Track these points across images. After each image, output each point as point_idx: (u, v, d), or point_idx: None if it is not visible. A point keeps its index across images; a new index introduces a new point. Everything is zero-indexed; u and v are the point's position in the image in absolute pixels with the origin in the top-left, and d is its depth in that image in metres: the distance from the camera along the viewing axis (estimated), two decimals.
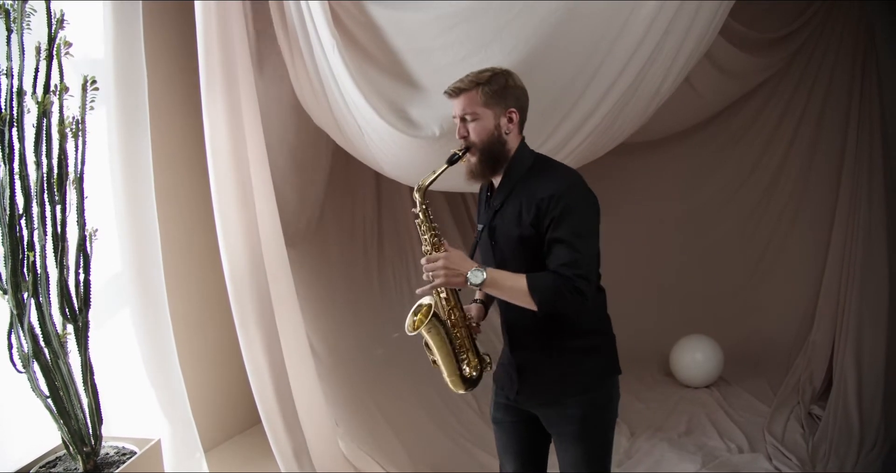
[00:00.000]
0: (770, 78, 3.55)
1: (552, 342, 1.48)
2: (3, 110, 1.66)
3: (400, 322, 3.46)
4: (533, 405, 1.55)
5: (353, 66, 1.80)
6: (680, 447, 2.69)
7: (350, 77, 1.80)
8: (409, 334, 1.53)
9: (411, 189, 3.49)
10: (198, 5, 1.84)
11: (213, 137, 1.89)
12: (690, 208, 3.95)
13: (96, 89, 1.80)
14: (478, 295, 1.68)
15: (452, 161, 1.45)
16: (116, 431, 2.08)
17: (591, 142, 2.07)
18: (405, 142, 1.86)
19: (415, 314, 1.56)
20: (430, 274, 1.42)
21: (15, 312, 1.71)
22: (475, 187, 1.64)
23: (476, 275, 1.38)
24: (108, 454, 1.94)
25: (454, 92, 1.44)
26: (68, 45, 1.74)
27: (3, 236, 1.68)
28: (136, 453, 1.92)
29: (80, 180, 1.80)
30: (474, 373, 1.54)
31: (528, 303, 1.37)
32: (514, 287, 1.38)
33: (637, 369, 3.45)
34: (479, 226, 1.56)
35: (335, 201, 3.24)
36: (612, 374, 1.54)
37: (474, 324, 1.58)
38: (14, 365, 1.74)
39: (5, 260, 1.69)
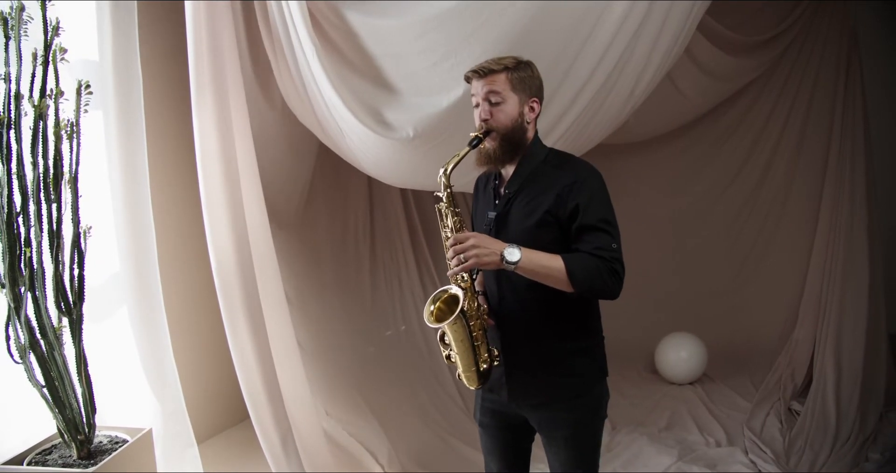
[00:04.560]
0: (756, 79, 3.61)
1: (547, 342, 1.46)
2: (2, 113, 1.74)
3: (391, 320, 3.56)
4: (523, 407, 1.53)
5: (331, 70, 1.87)
6: (659, 441, 2.76)
7: (328, 80, 1.87)
8: (431, 326, 1.41)
9: (401, 188, 3.58)
10: (188, 6, 1.91)
11: (202, 137, 1.95)
12: (678, 208, 4.01)
13: (90, 93, 1.88)
14: (478, 287, 1.58)
15: (474, 144, 1.40)
16: (111, 421, 2.16)
17: (564, 144, 2.14)
18: (381, 143, 1.93)
19: (434, 301, 1.45)
20: (462, 255, 1.33)
21: (12, 305, 1.78)
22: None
23: (512, 253, 1.30)
24: (101, 442, 2.01)
25: (482, 72, 1.39)
26: (63, 50, 1.82)
27: (1, 233, 1.76)
28: (128, 441, 2.00)
29: (74, 180, 1.88)
30: (485, 366, 1.47)
31: (562, 285, 1.33)
32: (551, 266, 1.32)
33: (622, 366, 3.50)
34: (490, 214, 1.49)
35: (327, 199, 3.31)
36: (603, 377, 1.53)
37: (486, 315, 1.49)
38: (11, 356, 1.81)
39: (3, 256, 1.76)
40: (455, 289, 1.42)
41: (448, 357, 1.49)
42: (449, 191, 1.43)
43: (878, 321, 2.99)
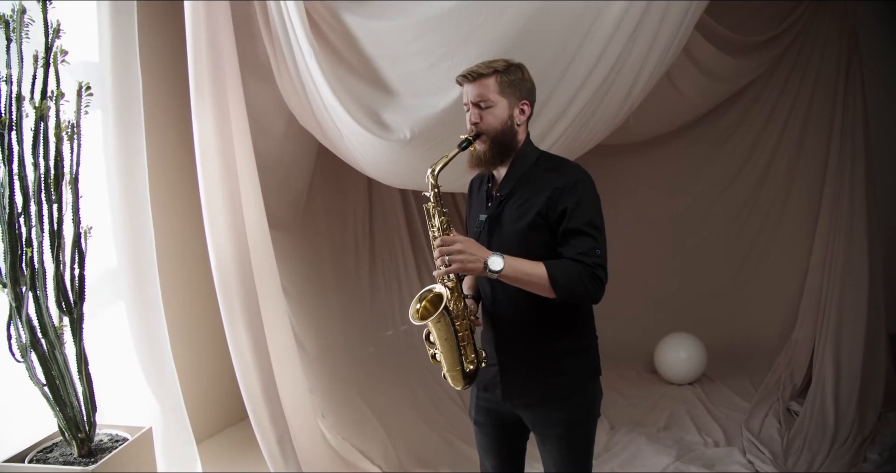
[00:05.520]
0: (756, 79, 3.61)
1: (540, 343, 1.47)
2: (3, 115, 1.75)
3: (390, 320, 3.57)
4: (517, 406, 1.54)
5: (329, 72, 1.88)
6: (657, 441, 2.76)
7: (326, 82, 1.88)
8: (415, 323, 1.43)
9: (400, 188, 3.59)
10: (187, 6, 1.92)
11: (201, 137, 1.97)
12: (678, 209, 4.01)
13: (91, 95, 1.89)
14: (468, 291, 1.61)
15: (463, 147, 1.42)
16: (112, 420, 2.18)
17: (562, 145, 2.15)
18: (379, 144, 1.95)
19: (420, 300, 1.47)
20: (447, 258, 1.34)
21: (14, 305, 1.80)
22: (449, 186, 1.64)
23: (496, 262, 1.32)
24: (101, 440, 2.02)
25: (471, 76, 1.41)
26: (64, 52, 1.84)
27: (2, 233, 1.77)
28: (128, 439, 2.01)
29: (75, 180, 1.90)
30: (471, 367, 1.47)
31: (545, 291, 1.34)
32: (534, 273, 1.34)
33: (621, 366, 3.52)
34: (482, 217, 1.51)
35: (327, 199, 3.32)
36: (596, 376, 1.54)
37: (474, 317, 1.50)
38: (13, 354, 1.83)
39: (5, 256, 1.78)
40: (440, 288, 1.43)
41: (433, 356, 1.51)
42: (436, 190, 1.43)
43: (877, 321, 2.99)
